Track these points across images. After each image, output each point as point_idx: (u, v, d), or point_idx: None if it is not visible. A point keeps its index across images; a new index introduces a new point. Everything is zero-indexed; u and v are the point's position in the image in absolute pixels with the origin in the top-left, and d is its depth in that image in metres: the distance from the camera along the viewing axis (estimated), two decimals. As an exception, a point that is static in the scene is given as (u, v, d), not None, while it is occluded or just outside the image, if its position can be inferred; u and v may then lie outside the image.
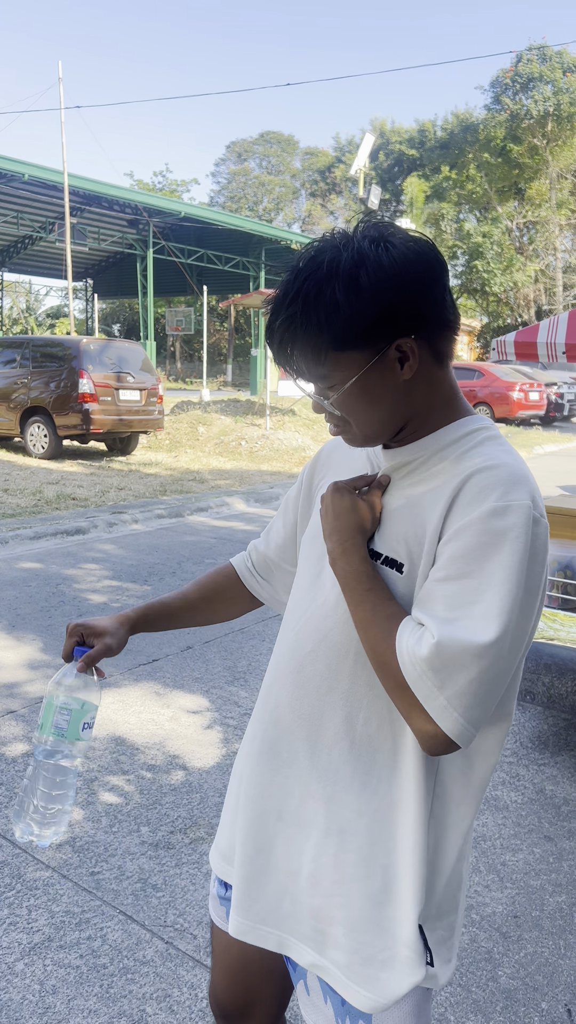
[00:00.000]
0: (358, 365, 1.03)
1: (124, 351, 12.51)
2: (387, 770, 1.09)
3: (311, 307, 1.00)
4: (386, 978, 1.09)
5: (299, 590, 1.23)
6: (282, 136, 55.53)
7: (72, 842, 2.82)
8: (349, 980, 1.10)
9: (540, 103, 32.76)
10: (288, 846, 1.16)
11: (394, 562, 1.07)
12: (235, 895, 1.20)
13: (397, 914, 1.09)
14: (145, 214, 25.61)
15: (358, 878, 1.10)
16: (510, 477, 1.01)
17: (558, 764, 3.52)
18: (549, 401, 20.64)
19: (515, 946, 2.41)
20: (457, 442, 1.09)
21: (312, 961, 1.14)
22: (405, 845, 1.08)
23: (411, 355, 1.04)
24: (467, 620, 0.96)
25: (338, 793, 1.11)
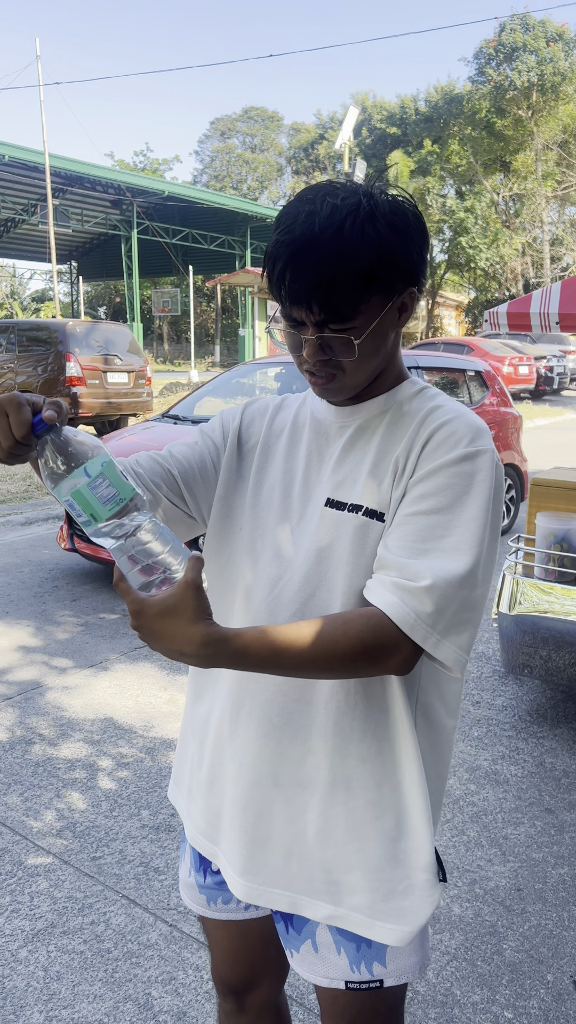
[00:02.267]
0: (378, 309, 1.05)
1: (111, 333, 12.39)
2: (382, 712, 1.13)
3: (359, 243, 1.00)
4: (409, 906, 1.14)
5: (259, 558, 1.18)
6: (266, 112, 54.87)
7: (72, 827, 2.80)
8: (373, 919, 1.14)
9: (524, 73, 32.41)
10: (289, 809, 1.16)
11: (374, 512, 1.10)
12: (240, 861, 1.19)
13: (412, 844, 1.14)
14: (128, 194, 25.33)
15: (370, 820, 1.13)
16: (475, 427, 1.09)
17: (557, 737, 3.53)
18: (539, 375, 20.58)
19: (519, 919, 2.41)
20: (414, 397, 1.16)
21: (329, 913, 1.16)
22: (409, 779, 1.13)
23: (410, 305, 1.09)
24: (444, 552, 1.02)
25: (340, 745, 1.13)
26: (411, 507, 1.06)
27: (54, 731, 3.49)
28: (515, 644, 3.49)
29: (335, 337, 1.05)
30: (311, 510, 1.15)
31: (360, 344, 1.06)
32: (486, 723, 3.64)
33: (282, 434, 1.24)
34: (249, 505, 1.22)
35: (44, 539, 6.83)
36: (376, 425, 1.15)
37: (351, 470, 1.14)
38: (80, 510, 0.95)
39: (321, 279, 1.00)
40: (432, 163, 35.50)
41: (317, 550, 1.12)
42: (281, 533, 1.17)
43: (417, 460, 1.08)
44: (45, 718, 3.61)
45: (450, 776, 3.19)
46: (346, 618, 1.00)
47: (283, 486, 1.20)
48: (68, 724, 3.55)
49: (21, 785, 3.07)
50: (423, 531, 1.03)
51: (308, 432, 1.21)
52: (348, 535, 1.10)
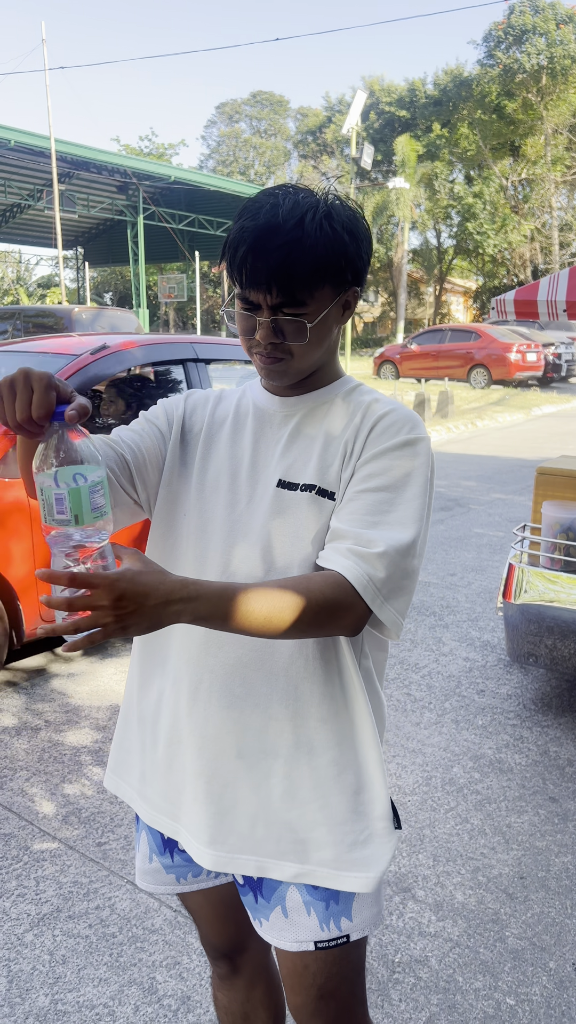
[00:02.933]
0: (328, 299, 1.15)
1: (116, 319, 12.38)
2: (337, 675, 1.21)
3: (317, 235, 1.10)
4: (371, 853, 1.22)
5: (209, 540, 1.23)
6: (273, 96, 54.44)
7: (78, 813, 2.82)
8: (340, 871, 1.21)
9: (534, 56, 32.08)
10: (254, 775, 1.22)
11: (326, 491, 1.19)
12: (206, 832, 1.24)
13: (370, 795, 1.23)
14: (134, 179, 25.21)
15: (333, 777, 1.21)
16: (412, 418, 1.21)
17: (561, 726, 3.53)
18: (546, 362, 20.47)
19: (522, 907, 2.42)
20: (353, 392, 1.27)
21: (296, 872, 1.22)
22: (364, 735, 1.23)
23: (352, 303, 1.21)
24: (391, 524, 1.13)
25: (301, 708, 1.20)
26: (360, 485, 1.16)
27: (60, 717, 3.51)
28: (520, 633, 3.49)
29: (289, 321, 1.14)
30: (261, 491, 1.22)
31: (312, 329, 1.14)
32: (491, 711, 3.65)
33: (224, 423, 1.31)
34: (195, 490, 1.28)
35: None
36: (321, 414, 1.25)
37: (300, 454, 1.22)
38: (68, 507, 0.94)
39: (282, 264, 1.09)
40: (441, 147, 35.20)
41: (271, 528, 1.20)
42: (231, 515, 1.24)
43: (364, 444, 1.19)
44: (51, 704, 3.63)
45: (454, 764, 3.20)
46: (308, 577, 1.09)
47: (230, 471, 1.26)
48: (74, 710, 3.57)
49: (27, 771, 3.09)
50: (372, 506, 1.14)
51: (252, 421, 1.28)
52: (301, 512, 1.19)
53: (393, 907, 2.41)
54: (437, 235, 39.42)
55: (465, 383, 19.85)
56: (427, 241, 39.54)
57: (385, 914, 2.38)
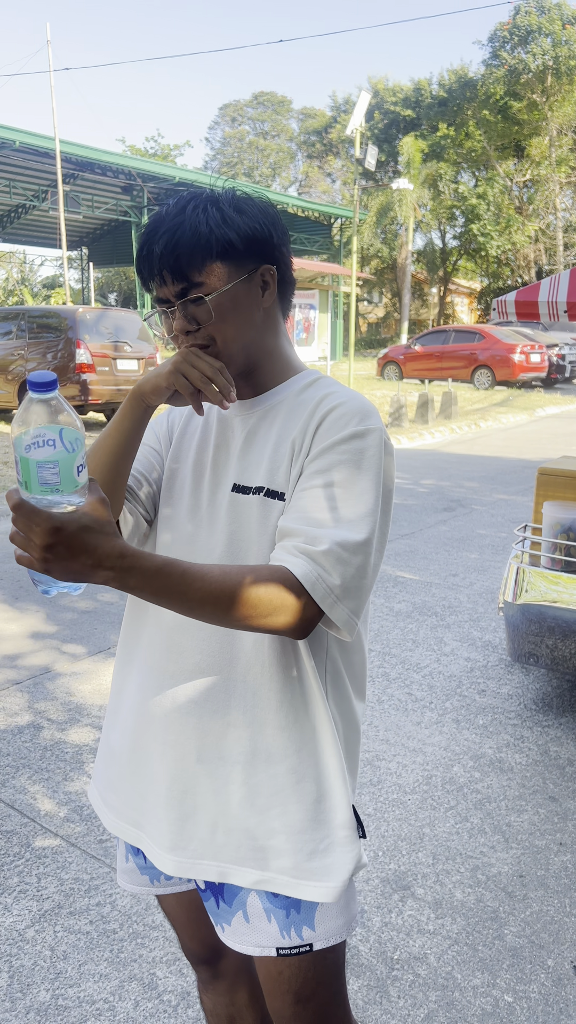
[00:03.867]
0: (229, 276, 1.15)
1: (121, 320, 12.39)
2: (296, 682, 1.19)
3: (199, 216, 1.13)
4: (332, 863, 1.19)
5: (170, 549, 1.26)
6: (276, 97, 54.48)
7: (79, 811, 2.84)
8: (299, 879, 1.19)
9: (539, 56, 32.07)
10: (213, 782, 1.21)
11: (275, 492, 1.18)
12: (168, 838, 1.24)
13: (331, 803, 1.21)
14: (139, 180, 25.25)
15: (291, 785, 1.19)
16: (363, 409, 1.17)
17: (562, 725, 3.54)
18: (550, 363, 20.47)
19: (521, 905, 2.43)
20: (308, 387, 1.24)
21: (256, 879, 1.20)
22: (325, 743, 1.20)
23: (272, 283, 1.20)
24: (340, 522, 1.09)
25: (259, 715, 1.19)
26: (307, 482, 1.14)
27: (63, 716, 3.53)
28: (521, 633, 3.50)
29: (193, 304, 1.15)
30: (219, 497, 1.23)
31: (215, 304, 1.14)
32: (491, 711, 3.66)
33: (195, 433, 1.32)
34: (163, 500, 1.30)
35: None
36: (274, 415, 1.23)
37: (254, 457, 1.22)
38: (19, 473, 0.93)
39: (166, 246, 1.12)
40: (446, 147, 35.19)
41: (228, 533, 1.20)
42: (191, 522, 1.25)
43: (312, 440, 1.16)
44: (54, 703, 3.65)
45: (455, 763, 3.21)
46: (255, 567, 1.07)
47: (193, 478, 1.27)
48: (77, 709, 3.59)
49: (30, 769, 3.11)
50: (320, 503, 1.11)
51: (215, 428, 1.29)
52: (253, 515, 1.19)
53: (392, 904, 2.42)
54: (441, 236, 39.41)
55: (469, 384, 19.85)
56: (431, 242, 39.54)
57: (384, 912, 2.39)
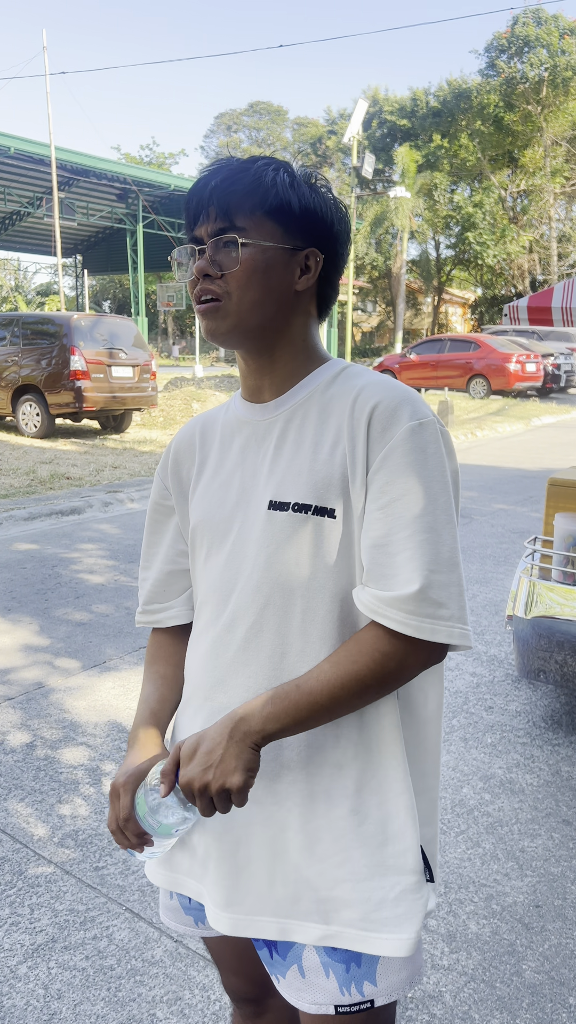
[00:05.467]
0: (272, 236, 1.06)
1: (116, 327, 12.29)
2: (355, 715, 1.09)
3: (267, 171, 1.06)
4: (403, 912, 1.10)
5: (206, 578, 1.18)
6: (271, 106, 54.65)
7: (75, 835, 2.71)
8: (368, 932, 1.09)
9: (536, 67, 32.19)
10: (268, 829, 1.11)
11: (325, 509, 1.06)
12: (222, 894, 1.14)
13: (398, 847, 1.10)
14: (134, 187, 25.18)
15: (353, 829, 1.09)
16: (409, 396, 1.06)
17: (573, 744, 3.43)
18: (546, 372, 20.44)
19: (539, 938, 2.31)
20: (336, 379, 1.13)
21: (321, 934, 1.10)
22: (391, 779, 1.10)
23: (312, 269, 1.10)
24: (432, 543, 1.01)
25: (314, 754, 1.09)
26: (379, 499, 1.03)
27: (56, 733, 3.40)
28: (531, 648, 3.39)
29: (225, 248, 1.06)
30: (252, 516, 1.11)
31: (245, 251, 1.05)
32: (500, 729, 3.54)
33: (212, 448, 1.22)
34: (192, 534, 1.20)
35: (47, 534, 6.74)
36: (303, 414, 1.11)
37: (288, 466, 1.10)
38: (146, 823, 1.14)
39: (223, 182, 1.05)
40: (441, 157, 35.27)
41: (266, 556, 1.09)
42: (224, 548, 1.14)
43: (366, 447, 1.05)
44: (47, 720, 3.52)
45: (464, 785, 3.09)
46: (359, 648, 1.02)
47: (219, 498, 1.17)
48: (71, 726, 3.46)
49: (22, 790, 2.98)
50: (404, 525, 1.01)
51: (237, 437, 1.18)
52: (299, 537, 1.07)
53: (404, 938, 2.30)
54: (436, 246, 39.47)
55: (464, 393, 19.80)
56: (426, 252, 39.59)
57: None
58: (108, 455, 10.68)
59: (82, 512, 7.54)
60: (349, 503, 1.06)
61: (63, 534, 6.76)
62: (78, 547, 6.33)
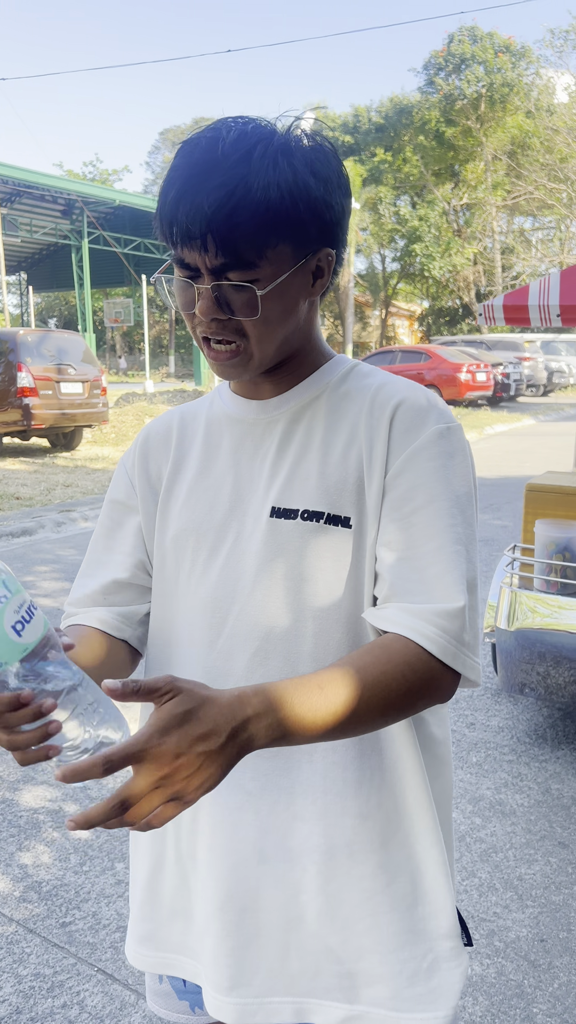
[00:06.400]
0: (287, 261, 0.88)
1: (64, 342, 12.00)
2: (376, 753, 0.95)
3: (270, 174, 0.83)
4: (438, 985, 0.96)
5: (193, 596, 0.99)
6: (215, 123, 54.74)
7: (37, 887, 2.47)
8: (400, 1012, 0.95)
9: (473, 84, 32.78)
10: (280, 892, 0.95)
11: (338, 518, 0.92)
12: (224, 974, 0.96)
13: (431, 908, 0.96)
14: (80, 203, 24.88)
15: (381, 888, 0.94)
16: (432, 400, 0.96)
17: (560, 759, 3.29)
18: (496, 381, 20.63)
19: (547, 976, 2.15)
20: (347, 377, 1.00)
21: (344, 1016, 0.95)
22: (420, 828, 0.96)
23: (326, 271, 0.94)
24: (457, 559, 0.88)
25: (332, 803, 0.94)
26: (402, 507, 0.91)
27: (13, 773, 3.15)
28: (515, 661, 3.26)
29: (234, 289, 0.87)
30: (250, 524, 0.96)
31: (264, 299, 0.87)
32: (484, 747, 3.39)
33: (193, 446, 1.04)
34: (171, 542, 1.00)
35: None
36: (311, 414, 0.98)
37: (293, 470, 0.96)
38: None
39: (221, 209, 0.82)
40: (385, 172, 35.66)
41: (270, 571, 0.93)
42: (215, 561, 0.96)
43: (387, 448, 0.92)
44: (2, 758, 3.26)
45: (453, 808, 2.93)
46: (387, 656, 0.84)
47: (207, 503, 1.00)
48: (31, 766, 3.21)
49: (-22, 838, 2.73)
50: (429, 537, 0.89)
51: (227, 436, 1.02)
52: (309, 548, 0.92)
53: (404, 985, 2.12)
54: (382, 259, 39.84)
55: (417, 403, 19.87)
56: (372, 265, 39.93)
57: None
58: (59, 473, 10.37)
59: (34, 533, 7.25)
60: (364, 511, 0.93)
61: (15, 556, 6.47)
62: (32, 569, 6.05)
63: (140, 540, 1.05)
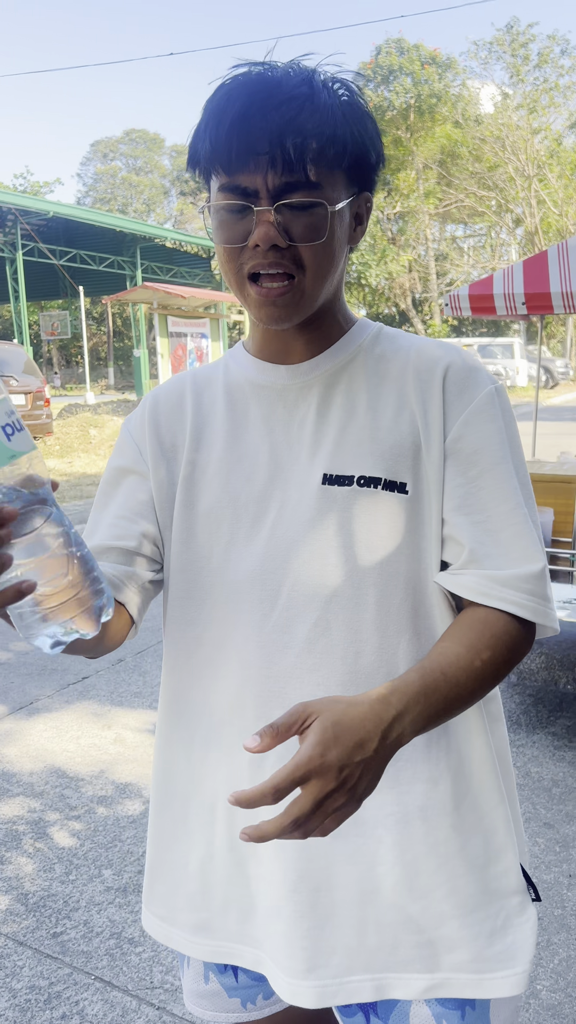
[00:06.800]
0: (343, 193, 0.86)
1: (4, 353, 11.78)
2: None
3: (334, 100, 0.82)
4: (513, 942, 0.94)
5: (236, 570, 0.94)
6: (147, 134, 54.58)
7: (24, 899, 2.39)
8: (482, 974, 0.93)
9: (401, 95, 33.35)
10: (354, 867, 0.92)
11: (395, 483, 0.90)
12: (301, 957, 0.93)
13: (501, 867, 0.96)
14: (13, 214, 24.47)
15: (456, 851, 0.93)
16: (475, 360, 0.95)
17: (536, 744, 3.33)
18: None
19: (547, 953, 2.17)
20: (378, 339, 0.98)
21: (426, 986, 0.93)
22: (486, 789, 0.95)
23: (364, 217, 0.92)
24: (527, 517, 0.90)
25: (403, 769, 0.92)
26: (468, 470, 0.90)
27: (-13, 786, 3.05)
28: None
29: (299, 211, 0.82)
30: (296, 493, 0.92)
31: (332, 220, 0.84)
32: (461, 735, 3.42)
33: (214, 414, 0.99)
34: (203, 517, 0.96)
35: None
36: (349, 378, 0.95)
37: (341, 435, 0.92)
38: None
39: (291, 123, 0.78)
40: (318, 182, 36.01)
41: (327, 539, 0.90)
42: (259, 532, 0.92)
43: (443, 412, 0.91)
44: (-26, 772, 3.16)
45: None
46: (491, 632, 0.85)
47: (243, 474, 0.95)
48: (4, 776, 3.12)
49: (-44, 854, 2.64)
50: (495, 494, 0.89)
51: (253, 403, 0.98)
52: (367, 515, 0.90)
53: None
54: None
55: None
56: (309, 273, 40.28)
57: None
58: (5, 487, 10.15)
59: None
60: (420, 476, 0.91)
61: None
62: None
63: (150, 508, 0.99)
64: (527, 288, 4.01)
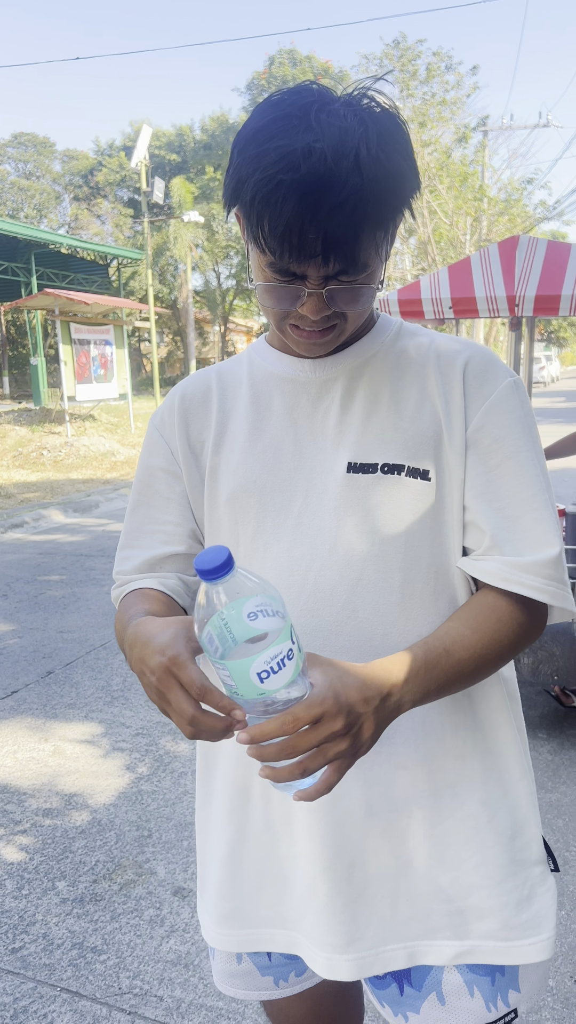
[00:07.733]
0: (385, 245, 0.90)
1: None
2: (466, 698, 0.99)
3: (379, 175, 0.81)
4: (538, 910, 1.00)
5: (266, 557, 0.98)
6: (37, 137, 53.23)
7: (-23, 918, 2.33)
8: (510, 941, 0.98)
9: (295, 105, 33.86)
10: (387, 842, 0.97)
11: (418, 471, 0.94)
12: (339, 932, 0.97)
13: (525, 838, 1.01)
14: None
15: (485, 823, 0.98)
16: (492, 353, 0.99)
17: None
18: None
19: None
20: (399, 335, 1.02)
21: (455, 952, 0.98)
22: (510, 766, 1.01)
23: (392, 237, 0.93)
24: (546, 504, 0.94)
25: (433, 747, 0.97)
26: (489, 459, 0.95)
27: None
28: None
29: (345, 288, 0.88)
30: (322, 481, 0.96)
31: (370, 289, 0.90)
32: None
33: (238, 406, 1.04)
34: (227, 509, 1.00)
35: None
36: (371, 372, 0.99)
37: (365, 425, 0.96)
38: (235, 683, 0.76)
39: (344, 227, 0.81)
40: (215, 188, 36.03)
41: (353, 525, 0.94)
42: (286, 519, 0.97)
43: (464, 404, 0.96)
44: None
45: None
46: (498, 616, 0.91)
47: (268, 463, 0.99)
48: None
49: None
50: (520, 486, 0.94)
51: (277, 394, 1.02)
52: (391, 501, 0.94)
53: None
54: (217, 276, 40.20)
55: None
56: (208, 282, 40.22)
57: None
58: None
59: None
60: (442, 464, 0.95)
61: None
62: None
63: (187, 508, 1.04)
64: (453, 293, 4.17)
